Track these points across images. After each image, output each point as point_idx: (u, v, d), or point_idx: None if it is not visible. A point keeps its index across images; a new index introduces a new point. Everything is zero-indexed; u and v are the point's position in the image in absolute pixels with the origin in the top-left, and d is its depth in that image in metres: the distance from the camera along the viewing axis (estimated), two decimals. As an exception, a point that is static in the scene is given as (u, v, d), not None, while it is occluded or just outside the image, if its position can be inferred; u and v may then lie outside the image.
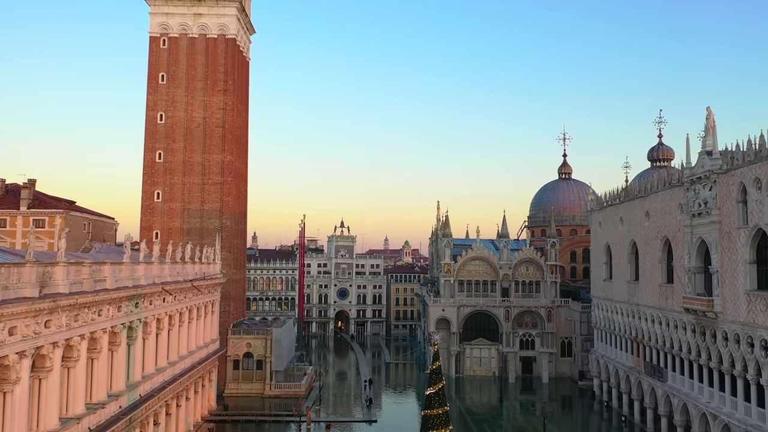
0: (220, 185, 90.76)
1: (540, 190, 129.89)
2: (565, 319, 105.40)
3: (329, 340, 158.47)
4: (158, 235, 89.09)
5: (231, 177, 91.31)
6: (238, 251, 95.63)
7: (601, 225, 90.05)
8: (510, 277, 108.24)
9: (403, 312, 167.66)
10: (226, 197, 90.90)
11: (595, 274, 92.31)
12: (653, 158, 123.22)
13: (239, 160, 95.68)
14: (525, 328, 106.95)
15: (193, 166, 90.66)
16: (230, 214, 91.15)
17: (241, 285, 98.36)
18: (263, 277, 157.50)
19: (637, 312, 75.33)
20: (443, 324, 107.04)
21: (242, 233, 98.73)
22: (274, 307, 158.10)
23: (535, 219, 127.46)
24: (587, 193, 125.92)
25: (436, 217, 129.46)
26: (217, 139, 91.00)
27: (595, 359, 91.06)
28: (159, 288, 54.59)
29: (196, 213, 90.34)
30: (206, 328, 74.84)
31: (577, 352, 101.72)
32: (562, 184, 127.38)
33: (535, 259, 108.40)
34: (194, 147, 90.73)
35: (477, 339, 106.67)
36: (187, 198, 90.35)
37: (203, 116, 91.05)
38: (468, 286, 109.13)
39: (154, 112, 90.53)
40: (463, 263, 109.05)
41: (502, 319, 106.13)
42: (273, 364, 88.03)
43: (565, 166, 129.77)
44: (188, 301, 65.00)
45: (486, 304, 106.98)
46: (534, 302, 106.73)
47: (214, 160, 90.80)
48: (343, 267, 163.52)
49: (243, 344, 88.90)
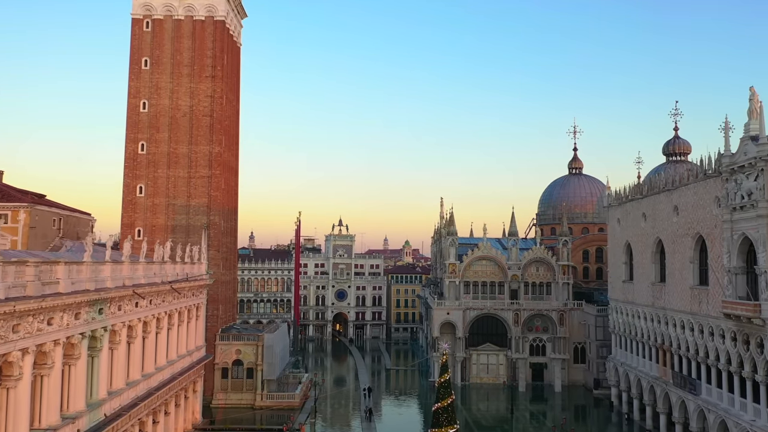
0: (207, 179, 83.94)
1: (549, 186, 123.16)
2: (579, 323, 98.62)
3: (327, 343, 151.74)
4: (141, 232, 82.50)
5: (220, 170, 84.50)
6: (227, 250, 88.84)
7: (620, 222, 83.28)
8: (519, 278, 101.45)
9: (404, 314, 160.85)
10: (215, 192, 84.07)
11: (613, 274, 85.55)
12: (669, 152, 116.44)
13: (229, 153, 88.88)
14: (535, 333, 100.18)
15: (178, 158, 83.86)
16: (219, 210, 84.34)
17: (231, 286, 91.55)
18: (258, 277, 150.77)
19: (664, 317, 68.54)
20: (448, 328, 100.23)
21: (232, 231, 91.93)
22: (269, 309, 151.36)
23: (544, 216, 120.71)
24: (600, 188, 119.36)
25: (439, 214, 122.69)
26: (205, 128, 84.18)
27: (612, 367, 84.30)
28: (130, 291, 47.81)
29: (181, 209, 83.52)
30: (190, 335, 68.06)
31: (591, 358, 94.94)
32: (572, 179, 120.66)
33: (545, 258, 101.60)
34: (180, 137, 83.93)
35: (484, 344, 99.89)
36: (172, 192, 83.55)
37: (190, 104, 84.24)
38: (474, 288, 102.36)
39: (136, 99, 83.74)
40: (469, 263, 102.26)
41: (510, 323, 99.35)
42: (264, 372, 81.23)
43: (576, 161, 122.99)
44: (167, 305, 58.21)
45: (493, 307, 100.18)
46: (545, 305, 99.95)
47: (201, 152, 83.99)
48: (341, 267, 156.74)
49: (232, 351, 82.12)
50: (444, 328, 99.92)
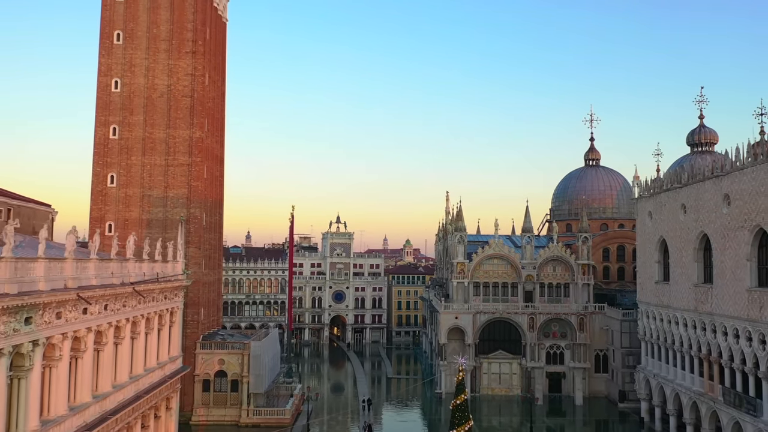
0: (187, 167, 74.60)
1: (564, 179, 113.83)
2: (600, 329, 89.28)
3: (323, 348, 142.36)
4: (112, 227, 73.22)
5: (201, 157, 75.17)
6: (210, 247, 79.52)
7: (653, 215, 73.98)
8: (534, 278, 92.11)
9: (406, 317, 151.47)
10: (195, 182, 74.73)
11: (643, 275, 76.23)
12: (693, 142, 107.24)
13: (212, 139, 79.57)
14: (552, 339, 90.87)
15: (155, 144, 74.54)
16: (200, 202, 75.00)
17: (215, 288, 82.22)
18: (250, 278, 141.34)
19: (711, 323, 59.24)
20: (456, 334, 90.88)
21: (216, 226, 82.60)
22: (262, 312, 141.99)
23: (558, 212, 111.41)
24: (620, 181, 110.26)
25: (444, 210, 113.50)
26: (184, 110, 74.85)
27: (642, 378, 75.00)
28: (73, 295, 38.45)
29: (158, 201, 74.20)
30: (162, 344, 58.63)
31: (616, 368, 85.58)
32: (589, 171, 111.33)
33: (563, 257, 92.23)
34: (156, 120, 74.60)
35: (496, 352, 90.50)
36: (148, 182, 74.23)
37: (167, 83, 74.90)
38: (485, 290, 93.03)
39: (107, 78, 74.41)
40: (479, 262, 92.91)
41: (525, 328, 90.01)
42: (251, 385, 71.89)
43: (593, 152, 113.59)
44: (130, 310, 48.80)
45: (506, 311, 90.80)
46: (563, 308, 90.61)
47: (180, 137, 74.66)
48: (339, 267, 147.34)
49: (214, 361, 72.79)
50: (452, 334, 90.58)
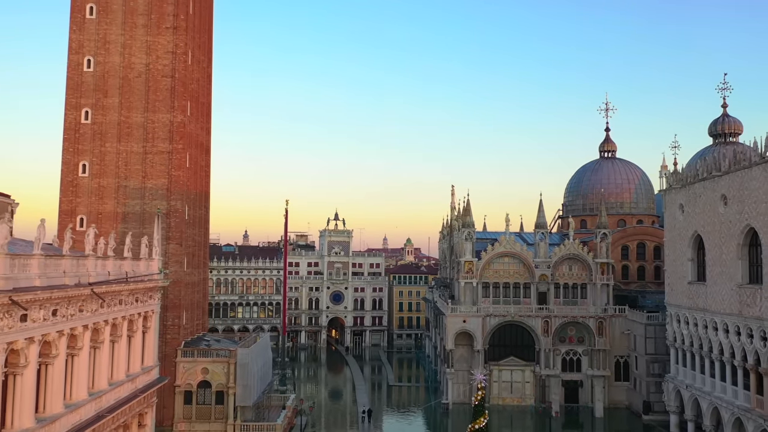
0: (167, 155, 67.24)
1: (577, 173, 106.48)
2: (621, 333, 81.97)
3: (321, 352, 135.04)
4: (84, 221, 65.86)
5: (183, 144, 67.80)
6: (194, 244, 72.16)
7: (684, 208, 66.66)
8: (548, 278, 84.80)
9: (408, 319, 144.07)
10: (176, 171, 67.36)
11: (673, 274, 68.90)
12: (716, 132, 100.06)
13: (196, 124, 72.22)
14: (569, 345, 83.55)
15: (131, 129, 67.18)
16: (182, 193, 67.62)
17: (200, 289, 74.85)
18: (243, 278, 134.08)
19: (759, 329, 51.96)
20: (464, 338, 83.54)
21: (202, 221, 75.26)
22: (256, 314, 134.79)
23: (572, 207, 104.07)
24: (638, 174, 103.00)
25: (450, 205, 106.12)
26: (164, 92, 67.48)
27: (672, 389, 67.73)
28: (4, 298, 31.17)
29: (135, 192, 66.83)
30: (134, 353, 51.27)
31: (639, 376, 78.24)
32: (605, 164, 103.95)
33: (581, 255, 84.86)
34: (133, 103, 67.23)
35: (507, 358, 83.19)
36: (124, 172, 66.85)
37: (146, 62, 67.52)
38: (495, 291, 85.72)
39: (79, 56, 67.04)
40: (489, 261, 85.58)
41: (539, 332, 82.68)
42: (238, 397, 64.46)
43: (608, 143, 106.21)
44: (88, 316, 41.43)
45: (518, 314, 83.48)
46: (580, 311, 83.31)
47: (159, 121, 67.30)
48: (337, 266, 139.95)
49: (197, 370, 65.38)
50: (459, 339, 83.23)
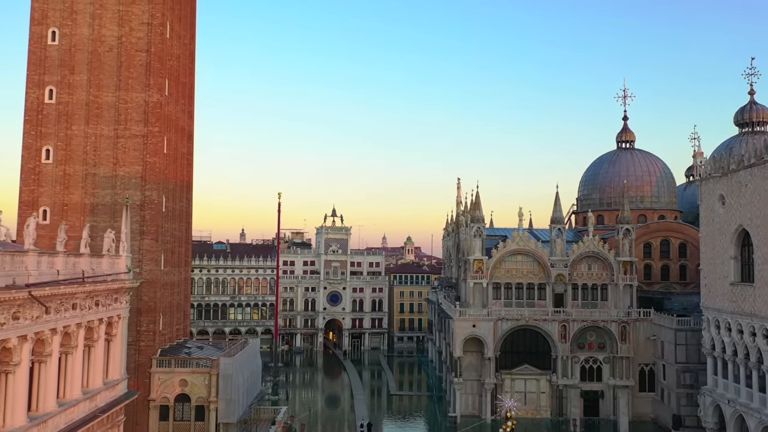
0: (142, 139, 59.60)
1: (593, 164, 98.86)
2: (646, 339, 74.50)
3: (317, 356, 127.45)
4: (47, 214, 58.37)
5: (160, 127, 60.17)
6: (174, 240, 64.53)
7: (726, 199, 59.14)
8: (566, 278, 77.31)
9: (410, 321, 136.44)
10: (152, 157, 59.71)
11: (711, 274, 61.36)
12: (743, 121, 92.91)
13: (176, 106, 64.60)
14: (588, 351, 76.06)
15: (101, 110, 59.53)
16: (158, 182, 59.95)
17: (181, 290, 67.17)
18: (235, 277, 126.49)
19: (826, 339, 44.46)
20: (473, 344, 76.00)
21: (183, 214, 67.61)
22: (249, 315, 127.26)
23: (587, 201, 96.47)
24: (659, 166, 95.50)
25: (455, 199, 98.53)
26: (139, 68, 59.84)
27: (710, 404, 60.23)
28: None
29: (106, 181, 59.18)
30: (94, 366, 43.67)
31: (668, 386, 70.72)
32: (623, 155, 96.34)
33: (601, 253, 77.33)
34: (104, 80, 59.58)
35: (521, 366, 75.68)
36: (93, 158, 59.19)
37: (118, 34, 59.83)
38: (507, 292, 78.24)
39: (42, 27, 59.40)
40: (500, 259, 78.04)
41: (556, 337, 75.17)
42: (220, 412, 56.93)
43: (627, 132, 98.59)
44: (27, 324, 33.90)
45: (533, 317, 75.95)
46: (601, 314, 75.82)
47: (133, 101, 59.65)
48: (334, 265, 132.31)
49: (175, 382, 57.79)
50: (468, 345, 75.68)
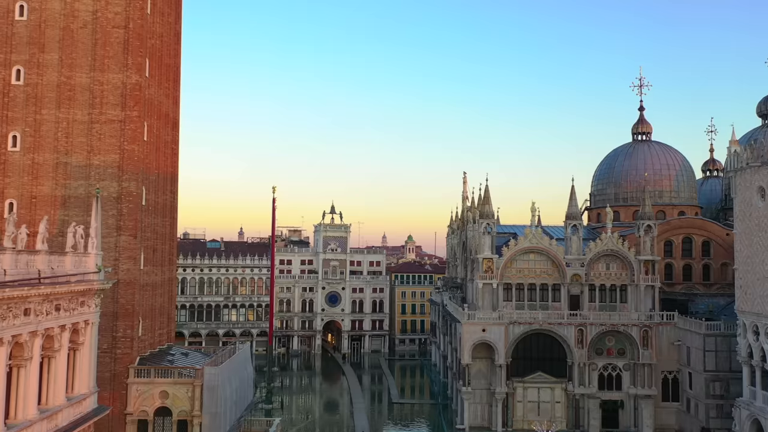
0: (119, 125, 53.81)
1: (608, 158, 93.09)
2: (670, 344, 68.83)
3: (315, 359, 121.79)
4: (14, 206, 52.62)
5: (139, 111, 54.40)
6: (156, 236, 58.77)
7: (766, 192, 53.43)
8: (582, 278, 71.62)
9: (411, 323, 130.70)
10: (131, 144, 53.93)
11: (748, 274, 55.64)
12: (766, 112, 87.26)
13: (158, 89, 58.84)
14: (607, 358, 70.39)
15: (74, 92, 53.76)
16: (137, 173, 54.15)
17: (163, 291, 61.36)
18: (229, 277, 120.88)
19: None
20: (482, 350, 70.31)
21: (167, 209, 61.85)
22: (243, 317, 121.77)
23: (601, 197, 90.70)
24: (679, 159, 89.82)
25: (461, 195, 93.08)
26: (116, 47, 54.08)
27: (747, 417, 54.57)
28: None
29: (79, 171, 53.39)
30: (55, 380, 37.97)
31: (695, 396, 65.07)
32: (640, 147, 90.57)
33: (620, 251, 71.65)
34: (77, 60, 53.82)
35: (534, 374, 69.97)
36: (65, 146, 53.42)
37: (92, 9, 54.01)
38: (518, 293, 72.53)
39: (9, 1, 53.48)
40: (511, 258, 72.37)
41: (572, 343, 69.48)
42: (205, 428, 51.21)
43: (643, 124, 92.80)
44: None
45: (547, 321, 70.27)
46: (621, 317, 70.14)
47: (109, 83, 53.88)
48: (333, 264, 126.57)
49: (154, 394, 52.04)
50: (477, 351, 69.96)
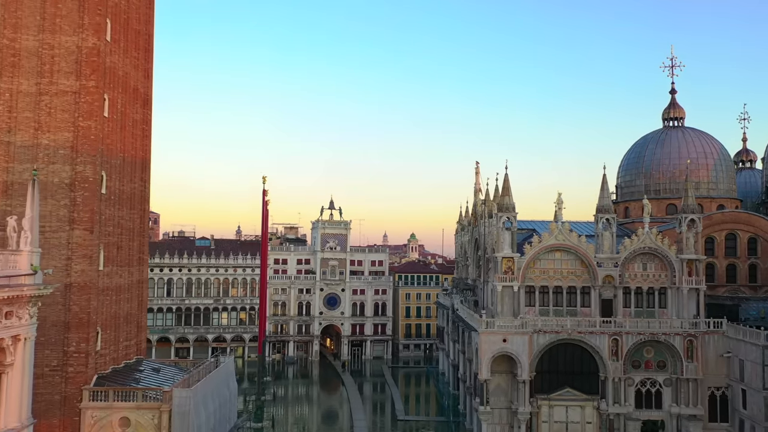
0: (73, 97, 45.01)
1: (636, 146, 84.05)
2: (718, 356, 59.85)
3: (312, 366, 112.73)
4: (-55, 195, 43.76)
5: (97, 81, 45.48)
6: (120, 232, 49.80)
7: None
8: (615, 280, 62.64)
9: (417, 327, 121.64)
10: (86, 121, 45.07)
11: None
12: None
13: (122, 57, 49.85)
14: (645, 371, 61.38)
15: (19, 58, 44.98)
16: (94, 155, 45.20)
17: (131, 296, 52.31)
18: (219, 278, 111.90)
19: None
20: (502, 363, 61.27)
21: (135, 199, 52.85)
22: (235, 321, 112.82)
23: (629, 189, 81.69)
24: (716, 146, 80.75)
25: (474, 187, 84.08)
26: (70, 3, 45.28)
27: (825, 447, 45.63)
28: None
29: (24, 152, 44.60)
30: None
31: (750, 417, 56.11)
32: (673, 134, 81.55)
33: (659, 249, 62.66)
34: (23, 20, 45.05)
35: (561, 390, 60.92)
36: (7, 122, 44.67)
37: (41, -42, 45.33)
38: (542, 298, 63.59)
39: (-59, -52, 44.91)
40: (534, 257, 63.36)
41: (605, 354, 60.47)
42: (174, 463, 42.34)
43: (675, 108, 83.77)
44: None
45: (577, 329, 61.23)
46: (662, 325, 61.14)
47: (61, 46, 45.10)
48: (332, 264, 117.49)
49: (114, 421, 43.10)
50: (497, 364, 60.91)
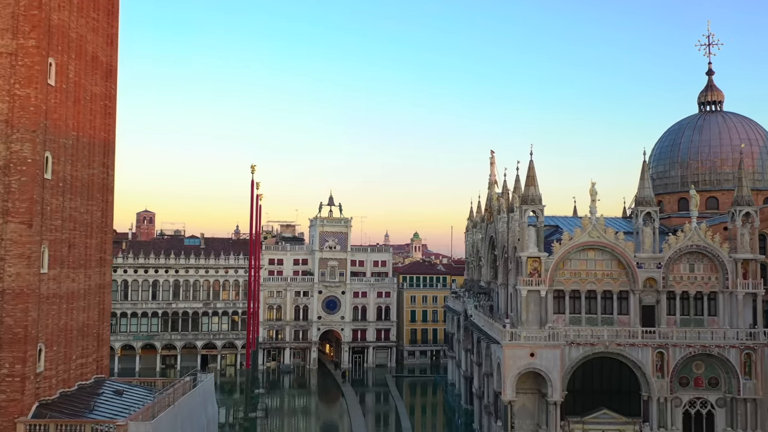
0: (8, 59, 36.48)
1: (669, 132, 75.44)
2: (781, 373, 51.41)
3: (310, 375, 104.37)
4: None
5: (38, 40, 36.90)
6: (74, 226, 41.21)
7: None
8: (658, 284, 54.04)
9: (422, 332, 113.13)
10: (25, 88, 36.50)
11: None
12: None
13: (75, 15, 41.24)
14: (695, 390, 52.83)
15: (-58, 12, 36.45)
16: (36, 130, 36.67)
17: (89, 305, 43.65)
18: (210, 279, 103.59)
19: None
20: (528, 380, 52.70)
21: (94, 187, 44.28)
22: (226, 326, 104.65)
23: (663, 181, 73.06)
24: (762, 133, 72.13)
25: (488, 179, 75.39)
26: (5, -56, 36.81)
27: None
28: None
29: (-51, 128, 36.08)
30: None
31: (826, 447, 47.65)
32: (712, 120, 72.89)
33: (709, 248, 54.13)
34: (-53, -36, 36.54)
35: (597, 412, 52.38)
36: (-72, 90, 36.15)
37: None
38: (573, 304, 55.01)
39: None
40: (563, 257, 54.80)
41: (648, 370, 51.92)
42: None
43: (713, 91, 75.07)
44: None
45: (615, 341, 52.67)
46: (715, 337, 52.58)
47: (-6, -3, 36.60)
48: (332, 265, 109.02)
49: (55, 462, 34.62)
50: (522, 382, 52.33)
